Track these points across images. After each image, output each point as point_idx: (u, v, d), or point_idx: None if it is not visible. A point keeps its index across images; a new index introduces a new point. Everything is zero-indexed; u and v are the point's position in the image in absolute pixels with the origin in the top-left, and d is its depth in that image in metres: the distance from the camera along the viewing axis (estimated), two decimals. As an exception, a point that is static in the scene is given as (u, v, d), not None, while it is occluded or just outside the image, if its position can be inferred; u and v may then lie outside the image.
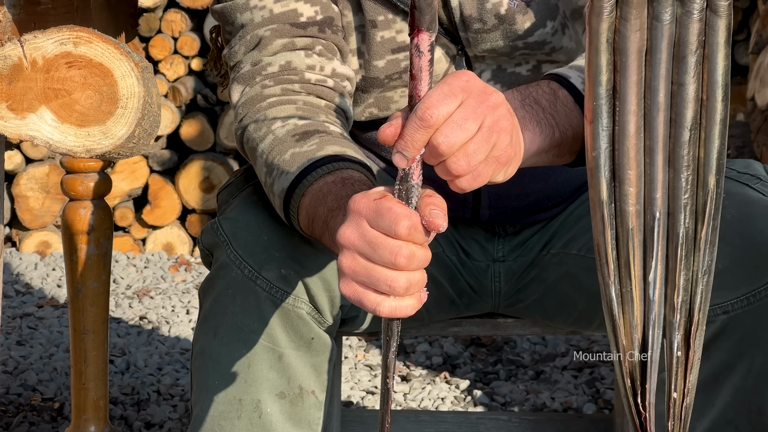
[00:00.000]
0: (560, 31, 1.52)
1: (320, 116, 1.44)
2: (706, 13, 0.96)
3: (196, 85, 3.94)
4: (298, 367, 1.41)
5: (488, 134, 1.09)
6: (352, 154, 1.36)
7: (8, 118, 1.23)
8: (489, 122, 1.09)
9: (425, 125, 1.05)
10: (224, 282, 1.41)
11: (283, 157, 1.38)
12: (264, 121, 1.43)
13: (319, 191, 1.31)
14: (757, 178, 1.47)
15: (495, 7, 1.48)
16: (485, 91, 1.09)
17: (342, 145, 1.38)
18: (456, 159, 1.07)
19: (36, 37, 1.23)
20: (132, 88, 1.24)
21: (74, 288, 2.03)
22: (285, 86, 1.46)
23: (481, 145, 1.08)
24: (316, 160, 1.34)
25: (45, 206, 3.89)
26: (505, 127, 1.10)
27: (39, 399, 2.71)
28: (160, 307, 3.41)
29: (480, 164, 1.09)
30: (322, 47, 1.48)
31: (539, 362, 2.91)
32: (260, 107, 1.45)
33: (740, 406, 1.38)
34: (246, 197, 1.49)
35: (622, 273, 1.02)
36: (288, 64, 1.47)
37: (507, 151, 1.12)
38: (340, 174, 1.32)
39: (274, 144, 1.40)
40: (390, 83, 1.54)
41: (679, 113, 0.99)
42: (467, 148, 1.07)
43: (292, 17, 1.47)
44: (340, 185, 1.30)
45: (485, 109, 1.08)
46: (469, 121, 1.07)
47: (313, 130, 1.40)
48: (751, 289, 1.35)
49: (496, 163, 1.11)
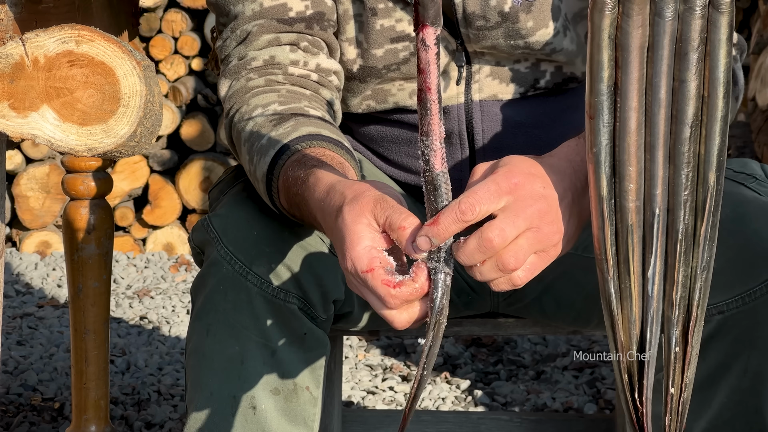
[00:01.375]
0: (562, 33, 1.52)
1: (302, 101, 1.45)
2: (708, 9, 0.96)
3: (196, 85, 3.94)
4: (292, 362, 1.41)
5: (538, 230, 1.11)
6: (326, 134, 1.37)
7: (10, 117, 1.23)
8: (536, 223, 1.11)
9: (464, 219, 1.08)
10: (215, 279, 1.41)
11: (261, 142, 1.39)
12: (246, 111, 1.45)
13: (287, 180, 1.32)
14: (753, 178, 1.47)
15: (499, 4, 1.49)
16: (532, 195, 1.11)
17: (317, 126, 1.39)
18: (511, 253, 1.09)
19: (38, 35, 1.23)
20: (134, 86, 1.24)
21: (75, 287, 2.03)
22: (269, 77, 1.48)
23: (533, 240, 1.10)
24: (288, 141, 1.35)
25: (45, 206, 3.89)
26: (553, 220, 1.12)
27: (39, 399, 2.71)
28: (161, 307, 3.41)
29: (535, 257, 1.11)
30: (307, 43, 1.50)
31: (540, 362, 2.91)
32: (245, 99, 1.47)
33: (737, 406, 1.38)
34: (236, 194, 1.49)
35: (621, 269, 1.02)
36: (272, 59, 1.49)
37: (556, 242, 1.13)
38: (309, 152, 1.33)
39: (253, 130, 1.42)
40: (388, 74, 1.55)
41: (680, 110, 0.99)
42: (520, 244, 1.10)
43: (281, 12, 1.49)
44: (307, 163, 1.31)
45: (531, 215, 1.10)
46: (519, 219, 1.09)
47: (290, 114, 1.42)
48: (746, 289, 1.35)
49: (549, 255, 1.12)
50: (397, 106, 1.58)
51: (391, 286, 1.10)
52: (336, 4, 1.52)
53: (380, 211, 1.13)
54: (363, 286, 1.12)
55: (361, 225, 1.12)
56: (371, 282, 1.10)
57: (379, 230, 1.13)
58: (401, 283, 1.10)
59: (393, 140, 1.61)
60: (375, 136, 1.62)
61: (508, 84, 1.55)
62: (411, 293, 1.10)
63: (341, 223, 1.15)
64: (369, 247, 1.12)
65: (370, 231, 1.12)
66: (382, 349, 3.05)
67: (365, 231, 1.12)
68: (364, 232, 1.12)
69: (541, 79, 1.56)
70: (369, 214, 1.13)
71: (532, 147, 1.58)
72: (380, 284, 1.10)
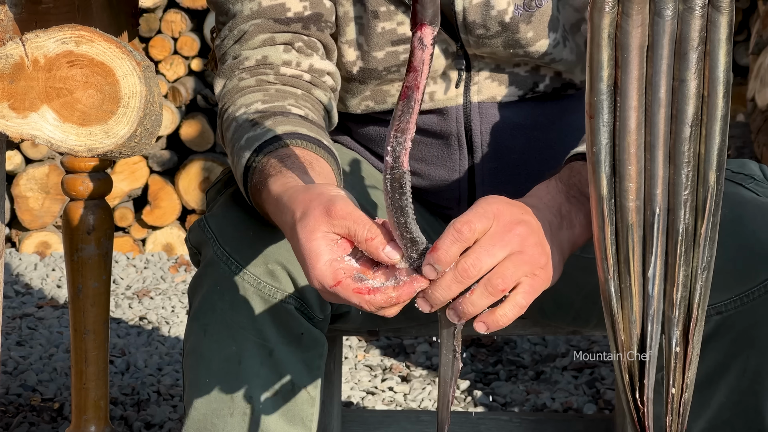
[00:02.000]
0: (561, 44, 1.52)
1: (287, 100, 1.45)
2: (707, 9, 0.96)
3: (195, 85, 3.94)
4: (289, 363, 1.41)
5: (520, 260, 1.11)
6: (303, 131, 1.37)
7: (10, 117, 1.23)
8: (517, 251, 1.11)
9: (462, 238, 1.08)
10: (212, 279, 1.40)
11: (240, 143, 1.39)
12: (232, 110, 1.45)
13: (260, 175, 1.31)
14: (752, 178, 1.47)
15: (500, 14, 1.49)
16: (512, 220, 1.12)
17: (295, 125, 1.38)
18: (493, 275, 1.10)
19: (38, 36, 1.23)
20: (134, 87, 1.24)
21: (75, 288, 2.03)
22: (260, 77, 1.48)
23: (516, 264, 1.11)
24: (261, 142, 1.35)
25: (45, 207, 3.89)
26: (533, 256, 1.12)
27: (39, 399, 2.71)
28: (160, 308, 3.41)
29: (528, 279, 1.12)
30: (302, 44, 1.50)
31: (539, 363, 2.91)
32: (233, 99, 1.47)
33: (736, 406, 1.38)
34: (232, 194, 1.49)
35: (622, 269, 1.02)
36: (264, 59, 1.49)
37: (544, 275, 1.13)
38: (281, 153, 1.33)
39: (235, 131, 1.42)
40: (388, 76, 1.54)
41: (680, 109, 0.99)
42: (503, 265, 1.10)
43: (278, 12, 1.49)
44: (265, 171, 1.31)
45: (511, 240, 1.11)
46: (496, 248, 1.10)
47: (271, 113, 1.41)
48: (745, 289, 1.35)
49: (544, 279, 1.13)
50: (395, 107, 1.57)
51: (364, 293, 1.11)
52: (336, 6, 1.52)
53: (337, 222, 1.13)
54: (336, 299, 1.13)
55: (316, 242, 1.13)
56: (343, 294, 1.11)
57: (337, 237, 1.13)
58: (377, 290, 1.11)
59: None
60: (373, 137, 1.62)
61: (507, 87, 1.55)
62: (386, 300, 1.11)
63: (297, 244, 1.15)
64: (329, 261, 1.12)
65: (326, 244, 1.13)
66: (382, 350, 3.05)
67: (322, 246, 1.13)
68: (321, 247, 1.12)
69: (540, 83, 1.56)
70: (324, 226, 1.13)
71: (531, 148, 1.58)
72: (353, 294, 1.11)
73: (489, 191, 1.60)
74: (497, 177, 1.59)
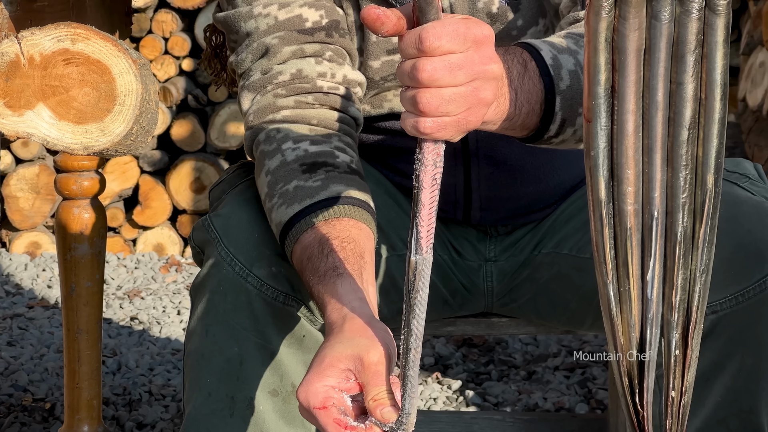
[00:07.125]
0: (550, 30, 1.52)
1: (332, 141, 1.44)
2: (704, 12, 0.97)
3: (187, 85, 3.93)
4: (291, 364, 1.41)
5: (470, 96, 1.07)
6: (354, 194, 1.37)
7: (5, 116, 1.23)
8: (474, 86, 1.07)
9: (420, 48, 1.03)
10: (215, 280, 1.40)
11: (287, 186, 1.39)
12: (276, 138, 1.44)
13: (308, 247, 1.33)
14: (746, 177, 1.47)
15: (486, 5, 1.48)
16: (490, 57, 1.08)
17: (347, 183, 1.39)
18: (429, 95, 1.05)
19: (33, 33, 1.23)
20: (130, 85, 1.24)
21: (68, 287, 2.03)
22: (298, 98, 1.46)
23: (459, 100, 1.06)
24: (314, 201, 1.36)
25: (35, 207, 3.88)
26: (485, 99, 1.09)
27: (30, 399, 2.70)
28: (151, 308, 3.40)
29: (449, 118, 1.06)
30: (331, 52, 1.48)
31: (531, 363, 2.91)
32: (273, 119, 1.45)
33: (731, 405, 1.38)
34: (238, 194, 1.49)
35: (620, 272, 1.02)
36: (299, 72, 1.47)
37: (474, 121, 1.09)
38: (334, 227, 1.33)
39: (281, 167, 1.41)
40: (384, 84, 1.54)
41: (677, 112, 0.99)
42: (443, 93, 1.05)
43: (297, 23, 1.47)
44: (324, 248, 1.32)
45: (480, 72, 1.07)
46: (461, 71, 1.06)
47: (322, 162, 1.41)
48: (740, 288, 1.35)
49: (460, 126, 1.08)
50: (392, 112, 1.57)
51: (342, 426, 1.13)
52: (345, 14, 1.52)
53: (362, 370, 1.15)
54: (312, 420, 1.15)
55: (334, 369, 1.15)
56: (322, 419, 1.13)
57: (353, 378, 1.15)
58: (354, 429, 1.13)
59: (386, 146, 1.61)
60: (369, 142, 1.62)
61: None
62: None
63: (321, 350, 1.18)
64: (329, 387, 1.14)
65: (340, 373, 1.15)
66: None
67: (334, 373, 1.15)
68: (333, 374, 1.15)
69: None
70: (350, 363, 1.15)
71: (526, 151, 1.58)
72: (331, 422, 1.13)
73: (485, 196, 1.61)
74: (493, 182, 1.59)
